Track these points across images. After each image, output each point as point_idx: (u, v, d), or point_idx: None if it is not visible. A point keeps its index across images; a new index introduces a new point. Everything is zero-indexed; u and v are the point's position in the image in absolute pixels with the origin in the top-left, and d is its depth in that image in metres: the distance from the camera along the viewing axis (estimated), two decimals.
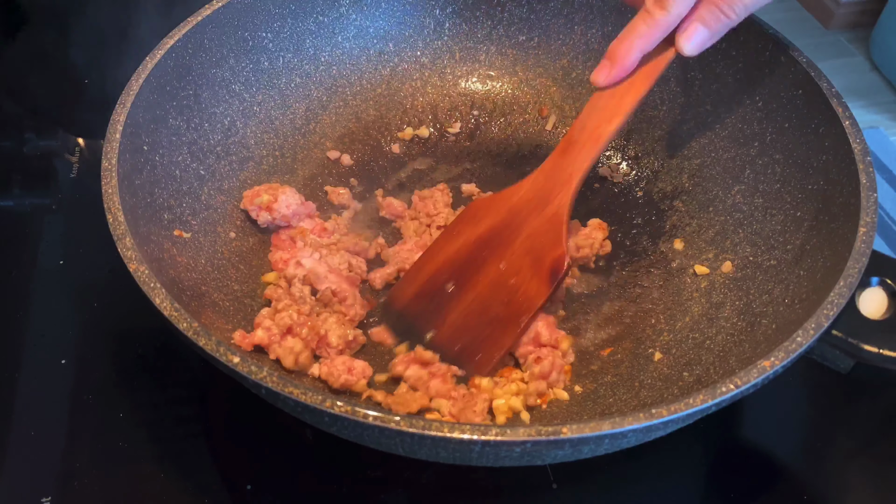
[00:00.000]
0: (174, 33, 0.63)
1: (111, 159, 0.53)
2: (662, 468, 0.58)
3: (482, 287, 0.60)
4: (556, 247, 0.59)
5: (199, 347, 0.44)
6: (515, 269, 0.59)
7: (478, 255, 0.60)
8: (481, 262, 0.60)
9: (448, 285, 0.60)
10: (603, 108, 0.59)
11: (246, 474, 0.56)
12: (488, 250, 0.60)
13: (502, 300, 0.59)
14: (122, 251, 0.48)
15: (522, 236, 0.60)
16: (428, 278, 0.61)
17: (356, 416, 0.41)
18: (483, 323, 0.59)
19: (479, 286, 0.60)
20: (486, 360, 0.58)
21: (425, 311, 0.60)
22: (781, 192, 0.62)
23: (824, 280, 0.51)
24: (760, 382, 0.44)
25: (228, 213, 0.66)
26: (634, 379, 0.58)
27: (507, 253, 0.60)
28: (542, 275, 0.58)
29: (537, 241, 0.59)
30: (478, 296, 0.60)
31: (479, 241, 0.61)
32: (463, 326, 0.59)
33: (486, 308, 0.59)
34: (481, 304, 0.59)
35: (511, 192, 0.62)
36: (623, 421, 0.41)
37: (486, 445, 0.41)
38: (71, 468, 0.55)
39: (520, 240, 0.60)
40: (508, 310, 0.59)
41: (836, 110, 0.58)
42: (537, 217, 0.60)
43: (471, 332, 0.59)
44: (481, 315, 0.59)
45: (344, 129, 0.76)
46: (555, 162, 0.61)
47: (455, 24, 0.78)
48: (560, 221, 0.59)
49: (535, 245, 0.59)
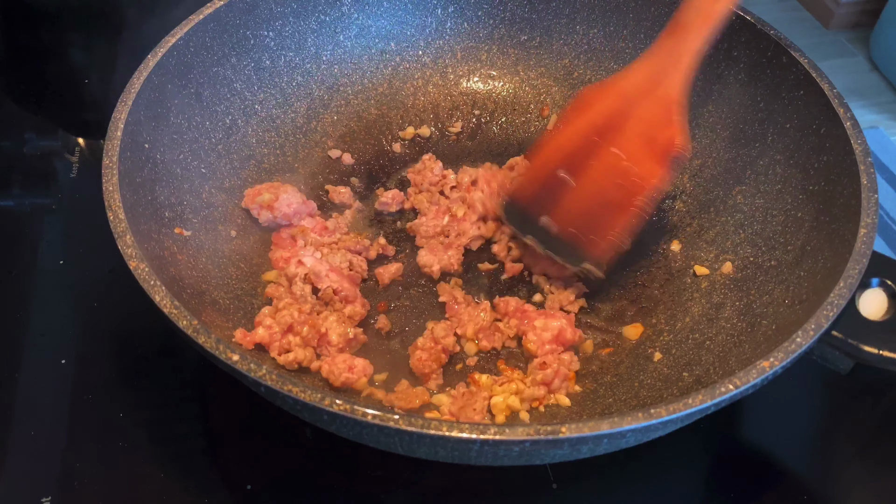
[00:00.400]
0: (176, 31, 0.63)
1: (112, 157, 0.53)
2: (663, 468, 0.58)
3: (595, 171, 0.60)
4: (667, 126, 0.59)
5: (199, 345, 0.44)
6: (627, 151, 0.60)
7: (589, 141, 0.61)
8: (593, 147, 0.61)
9: (560, 171, 0.61)
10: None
11: (246, 474, 0.56)
12: (599, 135, 0.61)
13: (616, 182, 0.59)
14: (122, 248, 0.48)
15: (633, 119, 0.60)
16: (541, 165, 0.62)
17: (355, 415, 0.41)
18: (597, 205, 0.60)
19: (591, 170, 0.60)
20: (602, 241, 0.59)
21: (539, 197, 0.62)
22: (782, 193, 0.62)
23: (824, 281, 0.51)
24: (759, 383, 0.44)
25: (229, 211, 0.66)
26: (634, 379, 0.58)
27: (618, 136, 0.60)
28: (655, 155, 0.59)
29: (648, 122, 0.60)
30: (591, 180, 0.60)
31: (589, 126, 0.61)
32: (577, 210, 0.60)
33: (600, 191, 0.60)
34: (595, 187, 0.60)
35: (619, 77, 0.62)
36: (622, 421, 0.41)
37: (485, 444, 0.41)
38: (71, 468, 0.55)
39: (630, 122, 0.60)
40: (622, 192, 0.59)
41: (838, 111, 0.58)
42: (647, 99, 0.60)
43: (585, 214, 0.60)
44: (595, 198, 0.60)
45: (345, 128, 0.76)
46: (662, 44, 0.61)
47: (457, 24, 0.78)
48: (671, 101, 0.59)
49: (646, 127, 0.60)
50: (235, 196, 0.67)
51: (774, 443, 0.60)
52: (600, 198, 0.60)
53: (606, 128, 0.61)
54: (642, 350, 0.61)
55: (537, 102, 0.79)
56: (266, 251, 0.66)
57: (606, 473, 0.57)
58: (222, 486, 0.55)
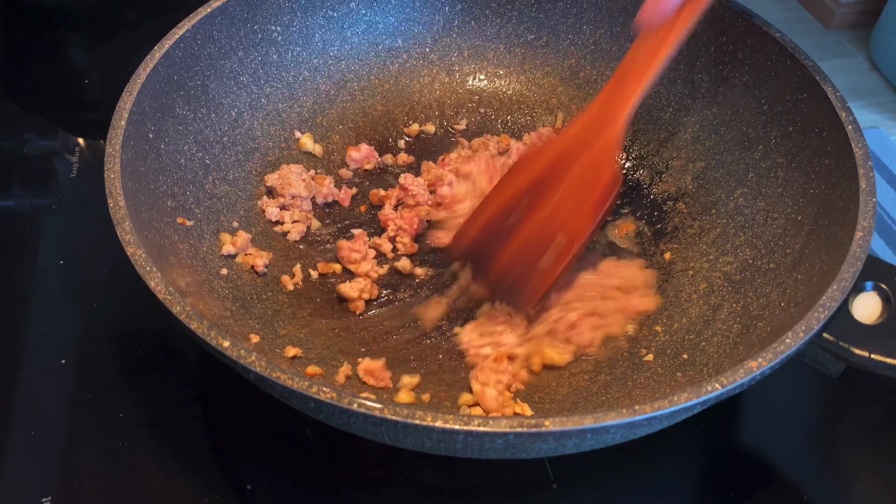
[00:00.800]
0: (183, 24, 0.64)
1: (115, 145, 0.54)
2: (662, 468, 0.58)
3: (533, 227, 0.62)
4: (599, 182, 0.61)
5: (191, 331, 0.45)
6: (561, 210, 0.61)
7: (530, 199, 0.62)
8: (533, 205, 0.62)
9: (503, 227, 0.63)
10: (647, 47, 0.60)
11: (246, 474, 0.56)
12: (539, 194, 0.62)
13: (550, 237, 0.61)
14: (121, 235, 0.49)
15: (571, 176, 0.62)
16: (483, 225, 0.64)
17: (341, 403, 0.41)
18: (530, 263, 0.62)
19: (529, 226, 0.62)
20: (531, 297, 0.61)
21: (480, 254, 0.64)
22: (783, 196, 0.62)
23: (820, 284, 0.50)
24: (746, 383, 0.44)
25: (232, 203, 0.67)
26: (628, 378, 0.58)
27: (556, 193, 0.62)
28: (586, 212, 0.61)
29: (584, 180, 0.61)
30: (528, 235, 0.62)
31: (531, 185, 0.63)
32: (513, 264, 0.62)
33: (536, 245, 0.62)
34: (531, 242, 0.62)
35: (559, 139, 0.63)
36: (605, 416, 0.41)
37: (469, 436, 0.41)
38: (71, 468, 0.55)
39: (568, 179, 0.62)
40: (552, 252, 0.61)
41: (840, 114, 0.58)
42: (585, 157, 0.61)
43: (518, 272, 0.62)
44: (530, 252, 0.62)
45: (351, 123, 0.77)
46: (601, 102, 0.62)
47: (464, 22, 0.79)
48: (606, 156, 0.61)
49: (581, 184, 0.61)
50: (239, 188, 0.68)
51: (775, 443, 0.59)
52: (534, 256, 0.62)
53: (545, 188, 0.62)
54: (637, 350, 0.61)
55: (543, 102, 0.79)
56: (268, 243, 0.66)
57: (606, 473, 0.57)
58: (222, 485, 0.55)
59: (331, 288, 0.65)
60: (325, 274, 0.66)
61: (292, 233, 0.68)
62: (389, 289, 0.65)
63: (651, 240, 0.69)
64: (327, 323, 0.62)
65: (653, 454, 0.57)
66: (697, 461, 0.59)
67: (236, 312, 0.59)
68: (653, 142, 0.74)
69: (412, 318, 0.63)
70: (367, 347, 0.61)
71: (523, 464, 0.57)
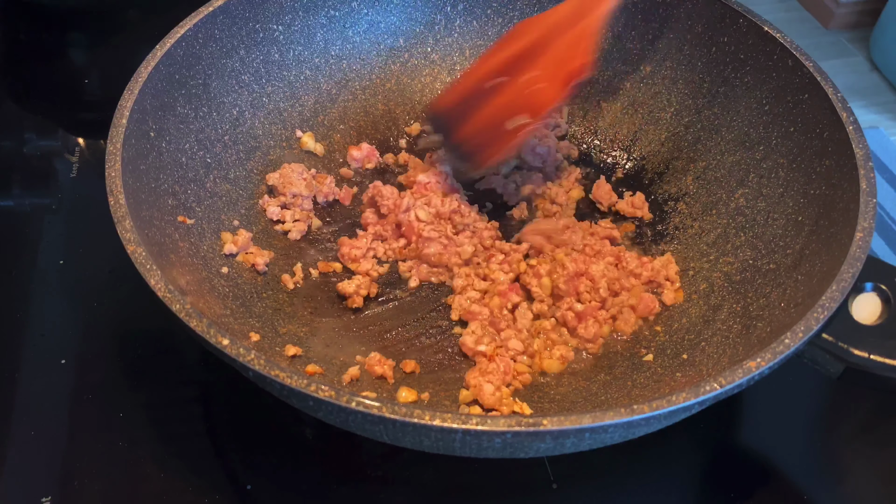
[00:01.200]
0: (185, 22, 0.64)
1: (116, 143, 0.54)
2: (662, 469, 0.58)
3: (508, 94, 0.65)
4: (580, 56, 0.63)
5: (191, 329, 0.45)
6: (540, 78, 0.65)
7: (513, 67, 0.66)
8: (513, 74, 0.66)
9: (481, 93, 0.66)
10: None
11: (246, 474, 0.56)
12: (521, 63, 0.66)
13: (521, 104, 0.65)
14: (122, 233, 0.49)
15: (553, 49, 0.65)
16: (464, 88, 0.68)
17: (339, 401, 0.41)
18: (496, 124, 0.65)
19: (505, 94, 0.65)
20: (491, 154, 0.66)
21: (456, 115, 0.67)
22: (784, 197, 0.62)
23: (820, 284, 0.50)
24: (745, 383, 0.44)
25: (233, 201, 0.67)
26: (627, 378, 0.58)
27: (536, 64, 0.65)
28: (563, 80, 0.64)
29: (566, 52, 0.64)
30: (502, 101, 0.65)
31: (515, 55, 0.66)
32: (482, 126, 0.66)
33: (506, 111, 0.65)
34: (503, 107, 0.65)
35: (552, 12, 0.67)
36: (604, 416, 0.41)
37: (467, 434, 0.41)
38: (71, 468, 0.55)
39: (550, 52, 0.65)
40: (524, 111, 0.65)
41: (841, 115, 0.58)
42: (570, 31, 0.64)
43: (487, 131, 0.65)
44: (500, 116, 0.65)
45: (352, 122, 0.77)
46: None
47: (466, 22, 0.79)
48: (589, 33, 0.64)
49: (562, 56, 0.64)
50: (240, 186, 0.68)
51: (775, 443, 0.59)
52: (503, 116, 0.65)
53: (530, 56, 0.66)
54: (637, 350, 0.61)
55: None
56: (268, 241, 0.66)
57: (607, 473, 0.57)
58: (222, 486, 0.55)
59: (331, 287, 0.65)
60: (325, 273, 0.66)
61: (293, 232, 0.68)
62: (389, 287, 0.65)
63: (651, 240, 0.69)
64: (327, 322, 0.62)
65: (653, 454, 0.57)
66: (697, 461, 0.59)
67: (236, 311, 0.59)
68: (654, 142, 0.74)
69: (412, 316, 0.63)
70: (366, 346, 0.61)
71: (523, 464, 0.57)
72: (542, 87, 0.64)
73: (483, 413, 0.56)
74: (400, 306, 0.64)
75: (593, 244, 0.66)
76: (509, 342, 0.60)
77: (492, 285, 0.64)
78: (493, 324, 0.61)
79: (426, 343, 0.61)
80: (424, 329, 0.62)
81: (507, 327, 0.61)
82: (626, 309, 0.62)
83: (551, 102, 0.64)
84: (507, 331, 0.61)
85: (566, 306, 0.62)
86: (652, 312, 0.63)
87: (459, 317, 0.63)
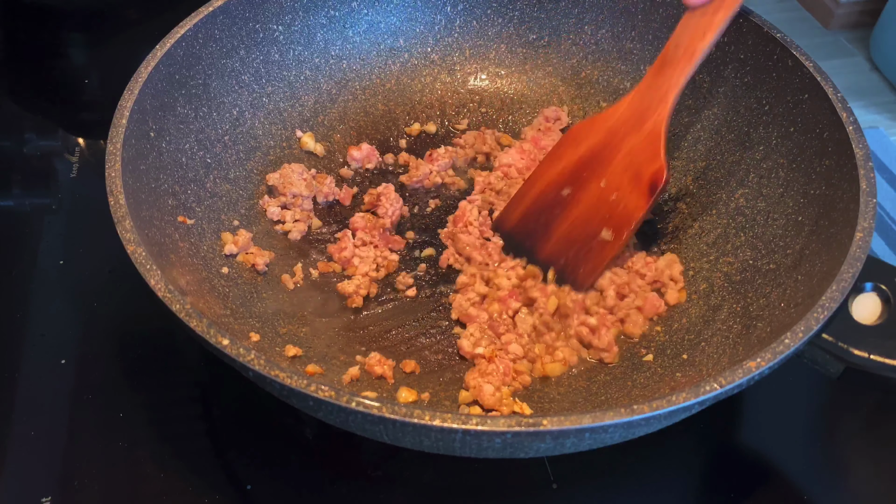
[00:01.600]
0: (185, 22, 0.64)
1: (116, 143, 0.54)
2: (662, 469, 0.58)
3: (584, 205, 0.64)
4: (654, 161, 0.62)
5: (191, 329, 0.45)
6: (615, 185, 0.63)
7: (579, 175, 0.64)
8: (583, 182, 0.64)
9: (552, 205, 0.65)
10: (695, 25, 0.62)
11: (246, 474, 0.56)
12: (589, 170, 0.64)
13: (604, 215, 0.63)
14: (122, 233, 0.49)
15: (621, 154, 0.63)
16: (533, 200, 0.66)
17: (339, 401, 0.41)
18: (586, 238, 0.63)
19: (581, 204, 0.64)
20: (590, 273, 0.63)
21: (531, 230, 0.65)
22: (784, 197, 0.62)
23: (820, 284, 0.50)
24: (745, 383, 0.44)
25: (233, 201, 0.67)
26: (628, 378, 0.58)
27: (607, 171, 0.64)
28: (642, 189, 0.62)
29: (636, 157, 0.63)
30: (581, 213, 0.64)
31: (580, 161, 0.65)
32: (567, 243, 0.64)
33: (589, 224, 0.63)
34: (584, 220, 0.64)
35: (609, 114, 0.65)
36: (604, 416, 0.41)
37: (467, 434, 0.41)
38: (71, 468, 0.55)
39: (619, 158, 0.63)
40: (609, 223, 0.63)
41: (841, 115, 0.58)
42: (635, 135, 0.63)
43: (575, 246, 0.63)
44: (584, 230, 0.63)
45: (352, 122, 0.77)
46: (650, 82, 0.63)
47: (466, 22, 0.79)
48: (657, 136, 0.62)
49: (633, 161, 0.63)
50: (240, 186, 0.68)
51: (775, 443, 0.59)
52: (589, 230, 0.63)
53: (597, 163, 0.64)
54: (637, 350, 0.61)
55: (544, 101, 0.79)
56: (268, 242, 0.66)
57: (607, 473, 0.57)
58: (223, 486, 0.55)
59: (331, 287, 0.65)
60: (325, 273, 0.66)
61: (293, 232, 0.68)
62: (389, 288, 0.65)
63: (651, 240, 0.69)
64: (327, 322, 0.62)
65: (653, 454, 0.57)
66: (697, 461, 0.59)
67: (236, 311, 0.59)
68: None
69: (412, 316, 0.63)
70: (366, 346, 0.61)
71: (523, 464, 0.57)
72: (622, 198, 0.62)
73: (483, 413, 0.56)
74: (400, 306, 0.64)
75: None
76: (509, 346, 0.60)
77: (492, 291, 0.63)
78: (492, 327, 0.61)
79: (426, 343, 0.62)
80: (424, 329, 0.62)
81: (507, 331, 0.61)
82: (634, 311, 0.62)
83: (635, 214, 0.62)
84: (508, 335, 0.61)
85: (578, 322, 0.61)
86: (657, 312, 0.63)
87: (458, 317, 0.63)
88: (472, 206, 0.68)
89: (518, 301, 0.62)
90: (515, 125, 0.79)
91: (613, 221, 0.62)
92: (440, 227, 0.70)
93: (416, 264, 0.67)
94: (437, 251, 0.68)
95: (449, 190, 0.73)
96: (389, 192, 0.70)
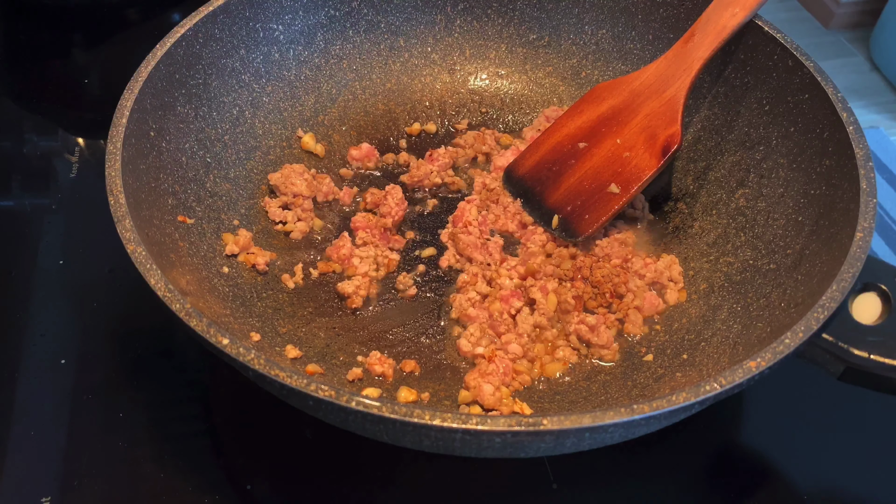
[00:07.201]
0: (185, 22, 0.64)
1: (116, 143, 0.54)
2: (662, 468, 0.58)
3: (598, 158, 0.67)
4: (670, 125, 0.64)
5: (191, 329, 0.45)
6: (630, 144, 0.66)
7: (597, 131, 0.67)
8: (600, 137, 0.67)
9: (567, 156, 0.67)
10: (729, 3, 0.64)
11: (246, 474, 0.56)
12: (607, 127, 0.67)
13: (615, 170, 0.66)
14: (122, 232, 0.49)
15: (640, 116, 0.66)
16: (549, 149, 0.69)
17: (339, 401, 0.41)
18: (594, 189, 0.65)
19: (595, 157, 0.67)
20: (594, 220, 0.65)
21: (544, 177, 0.68)
22: (784, 197, 0.62)
23: (820, 284, 0.50)
24: (745, 383, 0.44)
25: (233, 201, 0.67)
26: (628, 378, 0.58)
27: (624, 130, 0.67)
28: (655, 150, 0.64)
29: (654, 120, 0.65)
30: (593, 166, 0.66)
31: (599, 118, 0.68)
32: (576, 192, 0.66)
33: (600, 176, 0.66)
34: (596, 172, 0.66)
35: (633, 77, 0.68)
36: (604, 415, 0.41)
37: (467, 434, 0.41)
38: (71, 468, 0.55)
39: (637, 119, 0.66)
40: (619, 178, 0.65)
41: (841, 116, 0.58)
42: (656, 99, 0.66)
43: (583, 196, 0.66)
44: (594, 182, 0.66)
45: (352, 122, 0.77)
46: (677, 51, 0.66)
47: (466, 22, 0.79)
48: (677, 103, 0.65)
49: (651, 124, 0.65)
50: (240, 186, 0.68)
51: (775, 443, 0.60)
52: (599, 182, 0.66)
53: (615, 121, 0.67)
54: (637, 350, 0.61)
55: (544, 101, 0.79)
56: (268, 242, 0.66)
57: (606, 473, 0.57)
58: (222, 486, 0.55)
59: (331, 287, 0.65)
60: (325, 273, 0.66)
61: (294, 232, 0.68)
62: (389, 287, 0.65)
63: (651, 240, 0.69)
64: (327, 321, 0.62)
65: (653, 454, 0.57)
66: (697, 461, 0.59)
67: (236, 311, 0.59)
68: None
69: (412, 316, 0.63)
70: (366, 346, 0.61)
71: (523, 464, 0.57)
72: (635, 156, 0.65)
73: (483, 413, 0.56)
74: (400, 306, 0.64)
75: (604, 246, 0.66)
76: (509, 346, 0.60)
77: (494, 290, 0.63)
78: (492, 327, 0.61)
79: (426, 343, 0.62)
80: (424, 329, 0.62)
81: (508, 331, 0.61)
82: (633, 311, 0.62)
83: (645, 172, 0.64)
84: (508, 335, 0.61)
85: (577, 320, 0.61)
86: (656, 311, 0.63)
87: (458, 317, 0.63)
88: (471, 206, 0.68)
89: (520, 300, 0.62)
90: (515, 125, 0.79)
91: (623, 177, 0.65)
92: (440, 227, 0.70)
93: (416, 264, 0.67)
94: (438, 251, 0.68)
95: (449, 190, 0.73)
96: (396, 193, 0.70)
